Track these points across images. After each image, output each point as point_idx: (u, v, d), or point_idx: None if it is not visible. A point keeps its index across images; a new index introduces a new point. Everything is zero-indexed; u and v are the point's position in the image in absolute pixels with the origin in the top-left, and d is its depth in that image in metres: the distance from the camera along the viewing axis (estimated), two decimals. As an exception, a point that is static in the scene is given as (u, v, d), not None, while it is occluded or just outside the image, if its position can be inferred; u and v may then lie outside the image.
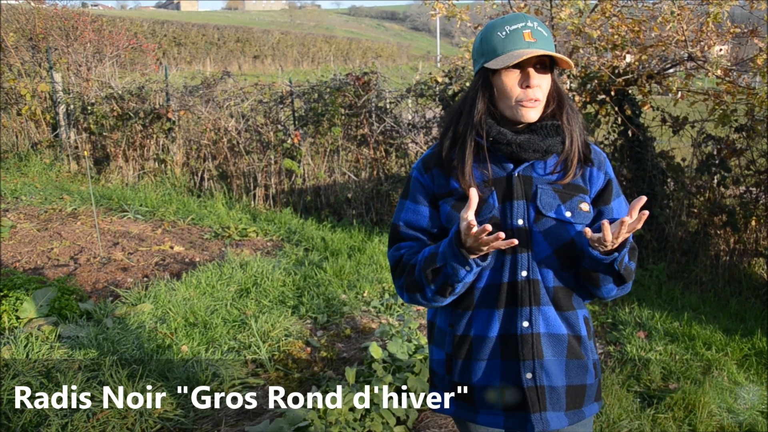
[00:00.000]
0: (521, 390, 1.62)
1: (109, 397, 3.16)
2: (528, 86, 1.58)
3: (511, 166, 1.65)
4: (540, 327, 1.61)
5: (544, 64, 1.60)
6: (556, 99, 1.65)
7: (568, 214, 1.61)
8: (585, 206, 1.64)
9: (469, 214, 1.46)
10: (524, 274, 1.61)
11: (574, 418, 1.66)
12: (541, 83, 1.59)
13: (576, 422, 1.66)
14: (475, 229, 1.44)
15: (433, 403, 1.78)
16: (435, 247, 1.60)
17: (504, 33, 1.58)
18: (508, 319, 1.62)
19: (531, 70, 1.57)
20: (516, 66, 1.58)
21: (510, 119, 1.62)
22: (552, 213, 1.61)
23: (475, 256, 1.51)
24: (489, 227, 1.41)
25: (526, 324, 1.61)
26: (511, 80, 1.59)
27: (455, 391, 1.71)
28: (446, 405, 1.75)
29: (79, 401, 3.20)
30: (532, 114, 1.60)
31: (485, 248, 1.47)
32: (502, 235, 1.42)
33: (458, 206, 1.64)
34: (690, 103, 5.53)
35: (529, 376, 1.61)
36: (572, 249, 1.62)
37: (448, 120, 1.72)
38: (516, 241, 1.46)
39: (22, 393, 3.26)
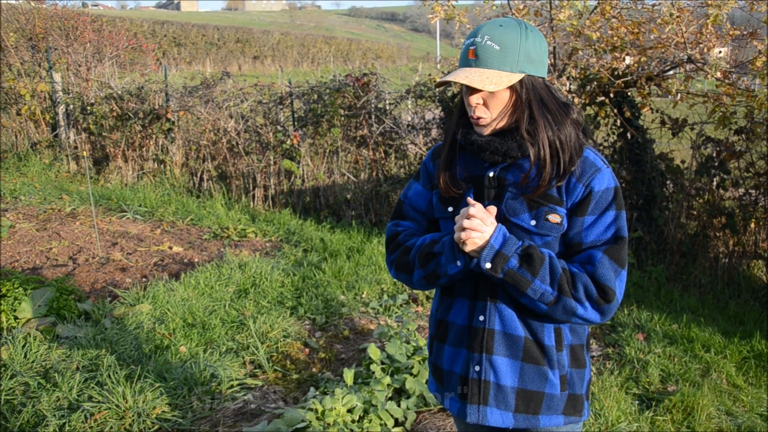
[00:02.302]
0: (468, 380, 1.67)
1: (106, 397, 3.16)
2: (468, 104, 1.62)
3: (487, 166, 1.68)
4: (495, 324, 1.64)
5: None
6: (512, 113, 1.61)
7: (532, 222, 1.59)
8: (555, 217, 1.58)
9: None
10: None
11: (525, 423, 1.65)
12: (488, 100, 1.59)
13: (528, 427, 1.66)
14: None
15: (428, 381, 1.89)
16: (437, 235, 1.70)
17: (463, 46, 1.63)
18: (472, 311, 1.68)
19: (470, 90, 1.60)
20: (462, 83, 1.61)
21: None
22: (515, 219, 1.60)
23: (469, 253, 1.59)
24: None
25: (481, 318, 1.65)
26: (464, 96, 1.66)
27: (433, 370, 1.82)
28: (431, 383, 1.86)
29: (77, 402, 3.20)
30: (480, 130, 1.64)
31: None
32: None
33: (442, 199, 1.73)
34: (689, 105, 5.53)
35: (476, 368, 1.65)
36: None
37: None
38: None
39: (22, 393, 3.26)
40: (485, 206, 1.61)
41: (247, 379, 3.65)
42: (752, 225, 5.41)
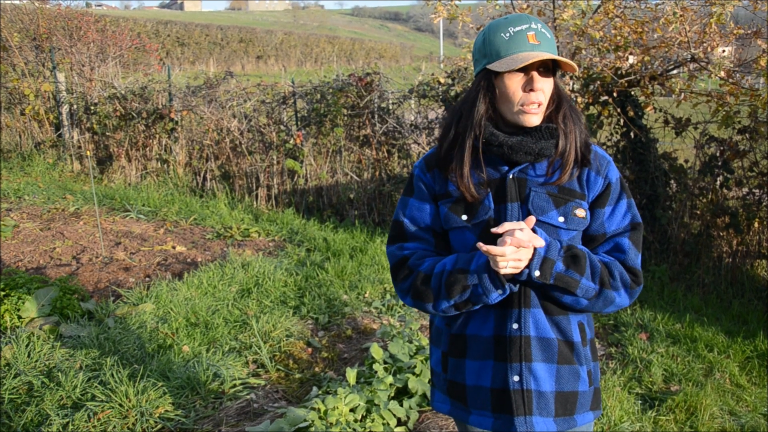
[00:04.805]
0: (508, 392, 1.60)
1: (110, 396, 3.17)
2: (531, 90, 1.55)
3: (506, 168, 1.63)
4: (530, 330, 1.60)
5: (547, 67, 1.57)
6: (555, 101, 1.62)
7: (560, 219, 1.59)
8: (581, 212, 1.61)
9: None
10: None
11: (564, 425, 1.63)
12: (544, 87, 1.56)
13: (566, 429, 1.64)
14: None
15: (433, 402, 1.81)
16: (462, 262, 1.59)
17: (508, 34, 1.56)
18: (501, 320, 1.62)
19: (535, 74, 1.55)
20: (521, 69, 1.55)
21: (510, 123, 1.61)
22: (544, 217, 1.58)
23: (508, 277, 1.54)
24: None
25: (515, 326, 1.60)
26: (514, 83, 1.56)
27: (450, 389, 1.72)
28: (443, 403, 1.77)
29: (80, 401, 3.21)
30: (534, 119, 1.58)
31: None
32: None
33: (455, 208, 1.64)
34: (693, 104, 5.52)
35: (516, 378, 1.60)
36: None
37: (448, 121, 1.70)
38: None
39: (26, 392, 3.27)
40: (507, 208, 1.60)
41: (249, 379, 3.66)
42: (756, 224, 5.39)
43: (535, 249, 1.49)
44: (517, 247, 1.46)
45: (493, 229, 1.49)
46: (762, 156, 5.37)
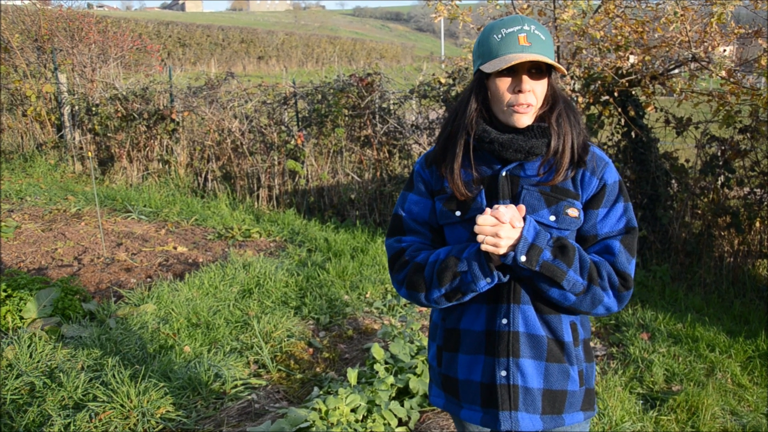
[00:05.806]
0: (495, 387, 1.62)
1: (111, 397, 3.18)
2: (520, 91, 1.57)
3: (499, 166, 1.65)
4: (519, 326, 1.61)
5: (540, 68, 1.58)
6: (549, 102, 1.63)
7: (552, 218, 1.60)
8: (573, 211, 1.61)
9: None
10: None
11: (551, 424, 1.64)
12: (535, 88, 1.58)
13: (553, 427, 1.65)
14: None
15: (430, 396, 1.84)
16: (455, 251, 1.62)
17: (500, 36, 1.57)
18: (492, 315, 1.63)
19: (524, 76, 1.57)
20: (510, 70, 1.57)
21: (503, 122, 1.63)
22: (534, 216, 1.59)
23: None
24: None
25: (504, 321, 1.61)
26: (503, 84, 1.58)
27: (444, 383, 1.74)
28: (438, 398, 1.80)
29: (82, 401, 3.22)
30: (524, 119, 1.59)
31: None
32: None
33: (449, 204, 1.67)
34: (694, 104, 5.51)
35: (503, 373, 1.61)
36: None
37: (446, 120, 1.74)
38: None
39: (28, 393, 3.27)
40: (499, 206, 1.60)
41: (251, 379, 3.66)
42: (757, 224, 5.39)
43: (521, 234, 1.50)
44: (496, 220, 1.48)
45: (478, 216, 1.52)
46: (763, 155, 5.36)
